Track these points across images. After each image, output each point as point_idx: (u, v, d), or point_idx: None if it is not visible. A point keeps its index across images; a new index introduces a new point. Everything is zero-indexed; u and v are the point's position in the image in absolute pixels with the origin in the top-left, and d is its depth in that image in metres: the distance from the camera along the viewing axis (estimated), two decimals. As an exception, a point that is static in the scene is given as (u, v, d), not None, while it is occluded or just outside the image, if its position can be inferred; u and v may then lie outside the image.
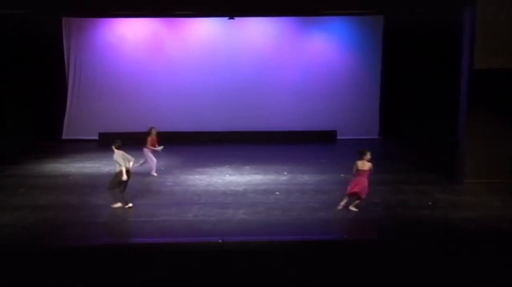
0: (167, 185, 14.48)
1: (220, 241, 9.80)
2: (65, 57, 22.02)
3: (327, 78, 22.18)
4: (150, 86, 22.09)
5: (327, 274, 8.75)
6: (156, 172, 15.69)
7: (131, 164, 12.27)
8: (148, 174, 15.84)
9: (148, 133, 15.70)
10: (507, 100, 14.10)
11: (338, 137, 21.90)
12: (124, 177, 11.88)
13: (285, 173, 15.73)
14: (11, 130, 18.61)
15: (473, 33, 13.92)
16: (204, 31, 22.04)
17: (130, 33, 22.03)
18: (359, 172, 11.76)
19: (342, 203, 11.90)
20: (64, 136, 22.09)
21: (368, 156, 11.87)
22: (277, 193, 13.52)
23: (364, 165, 11.79)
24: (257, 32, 22.09)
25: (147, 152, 15.60)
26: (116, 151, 12.06)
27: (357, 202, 11.80)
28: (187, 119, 21.83)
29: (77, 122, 22.01)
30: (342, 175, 15.42)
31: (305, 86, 22.18)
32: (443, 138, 17.98)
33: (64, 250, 9.57)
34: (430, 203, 12.59)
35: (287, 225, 11.28)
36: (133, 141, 20.50)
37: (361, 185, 11.66)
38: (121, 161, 11.87)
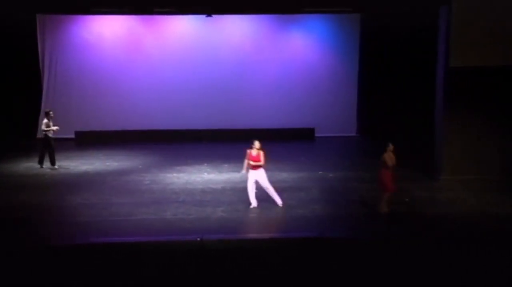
0: (145, 183, 14.40)
1: (199, 239, 9.79)
2: (40, 54, 21.70)
3: (305, 76, 22.25)
4: (127, 84, 21.91)
5: (305, 271, 8.80)
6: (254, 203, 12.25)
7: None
8: (125, 172, 15.76)
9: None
10: (482, 97, 14.33)
11: (316, 135, 21.97)
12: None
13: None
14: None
15: (448, 31, 14.11)
16: (182, 29, 21.94)
17: (107, 31, 21.81)
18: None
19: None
20: (39, 135, 21.75)
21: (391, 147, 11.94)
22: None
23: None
24: (235, 30, 22.06)
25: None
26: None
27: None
28: (165, 117, 21.71)
29: (53, 121, 21.72)
30: (320, 172, 15.53)
31: (283, 84, 22.21)
32: (420, 135, 18.18)
33: (42, 250, 9.48)
34: (407, 200, 12.73)
35: (266, 222, 11.33)
36: (109, 140, 20.68)
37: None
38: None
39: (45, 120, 16.35)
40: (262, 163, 12.18)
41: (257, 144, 12.36)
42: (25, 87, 21.13)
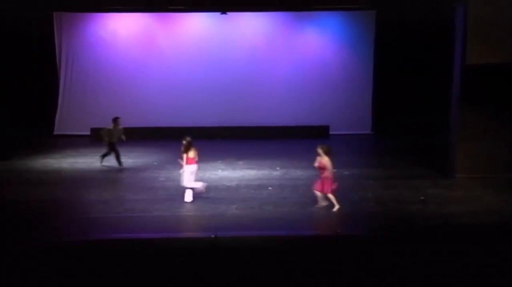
0: (160, 180, 14.47)
1: (213, 236, 9.80)
2: (57, 52, 21.91)
3: (319, 73, 22.18)
4: (142, 81, 22.03)
5: (319, 269, 8.78)
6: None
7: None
8: (140, 169, 15.85)
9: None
10: (498, 95, 14.17)
11: (331, 132, 21.90)
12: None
13: (278, 168, 15.74)
14: (2, 126, 18.53)
15: (465, 28, 13.95)
16: (196, 26, 21.98)
17: (122, 28, 21.93)
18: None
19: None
20: (56, 132, 22.01)
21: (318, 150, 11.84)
22: (270, 188, 13.54)
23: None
24: (249, 27, 22.05)
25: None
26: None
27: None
28: (179, 114, 21.78)
29: (69, 118, 21.93)
30: (334, 170, 15.43)
31: (297, 81, 22.17)
32: (435, 133, 18.06)
33: (57, 245, 9.55)
34: (422, 198, 12.64)
35: (280, 220, 11.31)
36: (125, 136, 20.72)
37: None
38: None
39: (111, 127, 16.02)
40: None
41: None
42: (42, 84, 21.32)
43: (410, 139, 19.74)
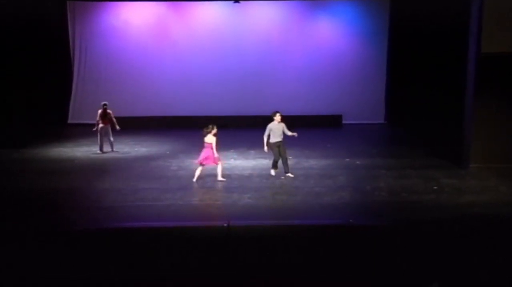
0: (172, 169, 14.51)
1: (225, 225, 9.81)
2: (70, 41, 22.02)
3: (333, 62, 22.10)
4: (155, 70, 22.08)
5: (332, 259, 8.77)
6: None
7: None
8: (153, 158, 15.90)
9: None
10: (514, 84, 14.01)
11: (344, 121, 21.86)
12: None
13: (290, 158, 15.67)
14: (17, 115, 18.65)
15: (480, 16, 13.77)
16: (209, 15, 21.95)
17: (135, 18, 21.96)
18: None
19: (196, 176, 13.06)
20: (69, 121, 22.15)
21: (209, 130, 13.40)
22: (282, 177, 13.53)
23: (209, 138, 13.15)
24: (262, 16, 21.98)
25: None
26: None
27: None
28: (192, 103, 21.83)
29: (83, 107, 22.04)
30: (347, 160, 15.43)
31: (311, 70, 22.11)
32: (449, 123, 17.91)
33: (70, 234, 9.61)
34: (435, 188, 12.56)
35: (292, 209, 11.30)
36: (138, 126, 20.84)
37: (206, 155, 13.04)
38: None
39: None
40: None
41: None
42: (56, 73, 21.43)
43: (423, 129, 19.61)
